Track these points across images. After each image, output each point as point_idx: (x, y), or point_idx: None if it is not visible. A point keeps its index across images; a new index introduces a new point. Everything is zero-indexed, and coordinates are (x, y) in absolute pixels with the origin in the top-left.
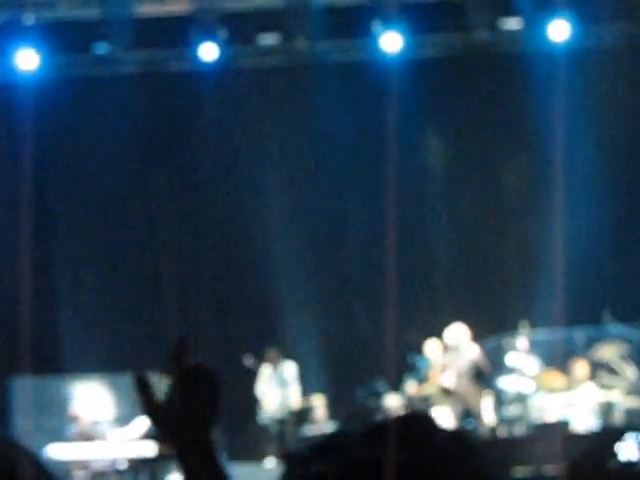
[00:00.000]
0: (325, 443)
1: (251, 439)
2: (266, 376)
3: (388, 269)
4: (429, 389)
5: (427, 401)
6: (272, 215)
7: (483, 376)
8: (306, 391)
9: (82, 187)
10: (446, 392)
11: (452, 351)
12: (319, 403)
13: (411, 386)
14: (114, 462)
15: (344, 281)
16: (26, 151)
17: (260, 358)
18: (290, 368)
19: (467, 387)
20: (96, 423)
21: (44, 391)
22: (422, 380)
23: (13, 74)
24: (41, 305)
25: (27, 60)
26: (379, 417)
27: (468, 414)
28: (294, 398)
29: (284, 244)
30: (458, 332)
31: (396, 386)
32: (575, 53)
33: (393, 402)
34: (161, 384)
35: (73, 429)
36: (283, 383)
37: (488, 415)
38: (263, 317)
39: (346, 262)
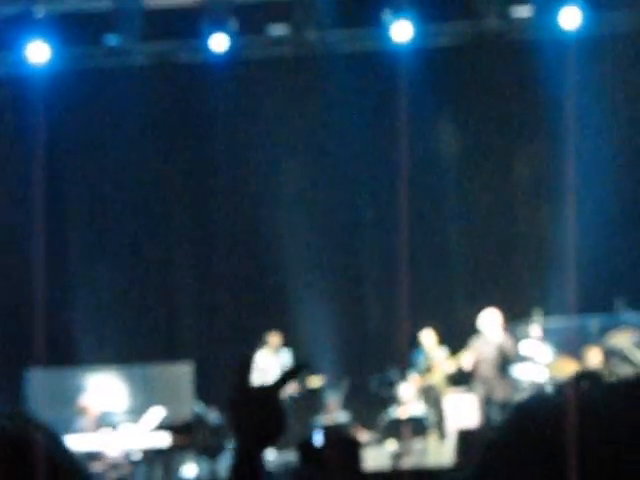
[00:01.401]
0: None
1: None
2: (262, 364)
3: (401, 257)
4: (433, 378)
5: (434, 390)
6: (285, 204)
7: (509, 364)
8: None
9: (95, 179)
10: (449, 377)
11: (480, 336)
12: (317, 385)
13: (413, 379)
14: (128, 453)
15: (357, 269)
16: (38, 144)
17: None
18: (286, 355)
19: (490, 373)
20: (107, 414)
21: (58, 383)
22: (422, 371)
23: (24, 66)
24: (55, 297)
25: (38, 52)
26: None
27: (490, 400)
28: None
29: (297, 233)
30: (488, 317)
31: (406, 377)
32: (586, 40)
33: (406, 391)
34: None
35: (81, 420)
36: (280, 369)
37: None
38: (276, 307)
39: (359, 250)
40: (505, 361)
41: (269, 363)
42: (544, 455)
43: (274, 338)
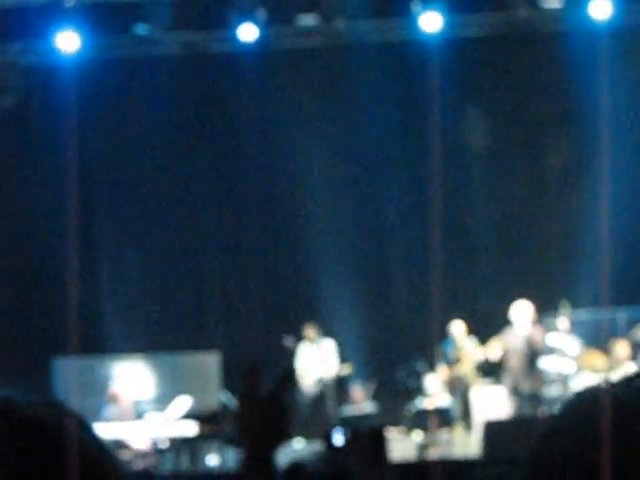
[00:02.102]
0: None
1: None
2: (304, 353)
3: (430, 249)
4: (461, 369)
5: (462, 381)
6: (313, 195)
7: (537, 357)
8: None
9: (124, 168)
10: (479, 368)
11: (514, 329)
12: (347, 372)
13: (442, 370)
14: (155, 442)
15: (386, 260)
16: (68, 133)
17: (299, 338)
18: (329, 345)
19: (518, 365)
20: (136, 403)
21: (86, 371)
22: (451, 362)
23: (54, 56)
24: (83, 285)
25: (68, 42)
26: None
27: (517, 391)
28: (333, 375)
29: (325, 224)
30: (520, 309)
31: (434, 368)
32: (617, 31)
33: (432, 382)
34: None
35: (112, 409)
36: (322, 360)
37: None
38: (304, 297)
39: (387, 241)
40: (534, 354)
41: (311, 355)
42: (602, 444)
43: (310, 330)
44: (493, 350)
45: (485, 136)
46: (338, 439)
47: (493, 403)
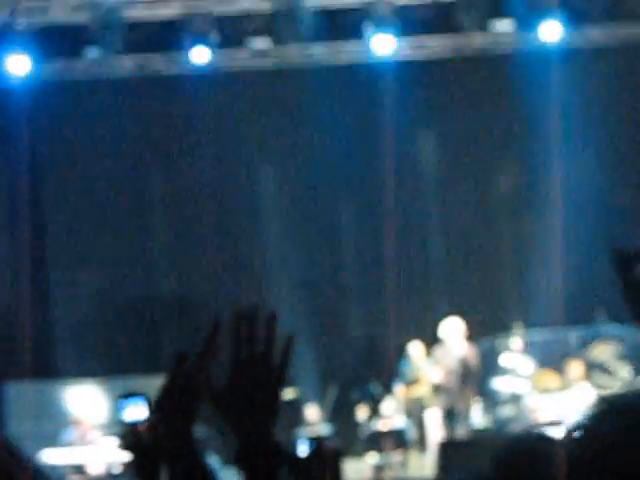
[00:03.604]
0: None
1: None
2: None
3: (383, 269)
4: (419, 390)
5: (419, 402)
6: (267, 214)
7: (470, 375)
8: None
9: (76, 191)
10: (436, 389)
11: (443, 346)
12: (291, 397)
13: (399, 390)
14: (109, 466)
15: (338, 280)
16: (19, 155)
17: None
18: None
19: (454, 385)
20: (95, 427)
21: (39, 396)
22: (409, 382)
23: (4, 79)
24: (35, 309)
25: (18, 65)
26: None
27: (452, 412)
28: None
29: (277, 244)
30: (451, 327)
31: (390, 389)
32: (567, 54)
33: (387, 405)
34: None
35: (73, 434)
36: None
37: (477, 416)
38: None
39: (341, 262)
40: (467, 372)
41: None
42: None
43: None
44: (435, 373)
45: (438, 157)
46: (303, 450)
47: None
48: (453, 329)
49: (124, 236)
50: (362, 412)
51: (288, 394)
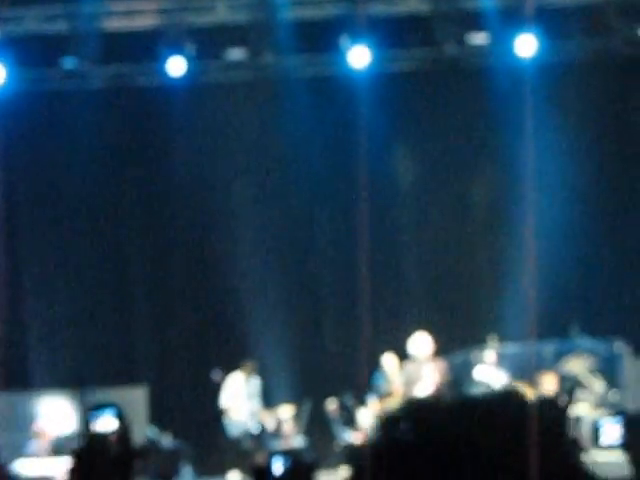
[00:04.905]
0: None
1: (217, 453)
2: (234, 388)
3: (357, 283)
4: (393, 403)
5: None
6: (242, 228)
7: (441, 390)
8: (274, 404)
9: (49, 200)
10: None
11: (414, 362)
12: (288, 415)
13: (373, 403)
14: None
15: (313, 294)
16: None
17: (228, 372)
18: (258, 383)
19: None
20: (60, 438)
21: (10, 407)
22: (382, 395)
23: None
24: (7, 319)
25: None
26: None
27: None
28: (261, 411)
29: (254, 258)
30: (420, 342)
31: (363, 400)
32: (542, 68)
33: (362, 416)
34: None
35: (36, 444)
36: (251, 396)
37: None
38: (233, 332)
39: (316, 274)
40: (438, 386)
41: (239, 388)
42: None
43: (248, 366)
44: (420, 389)
45: (413, 169)
46: (278, 468)
47: None
48: (421, 344)
49: (97, 247)
50: (336, 425)
51: (285, 411)
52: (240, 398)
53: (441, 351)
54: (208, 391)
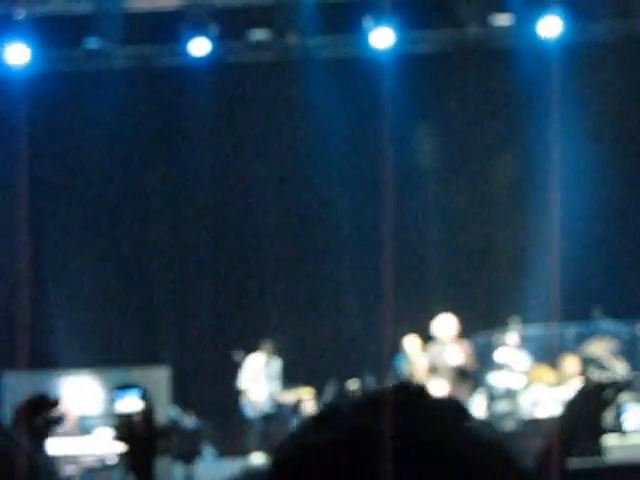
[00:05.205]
0: (318, 415)
1: (237, 434)
2: (254, 369)
3: (379, 265)
4: None
5: None
6: (264, 210)
7: (466, 373)
8: (295, 386)
9: (73, 182)
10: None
11: (438, 344)
12: (308, 397)
13: None
14: (103, 458)
15: (334, 277)
16: (17, 146)
17: (249, 352)
18: (278, 363)
19: (452, 382)
20: (85, 418)
21: (34, 386)
22: (404, 377)
23: (4, 68)
24: (32, 300)
25: (18, 54)
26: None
27: None
28: (280, 392)
29: (275, 240)
30: (445, 324)
31: (383, 382)
32: (566, 49)
33: None
34: None
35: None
36: (270, 378)
37: (477, 412)
38: (254, 313)
39: (339, 256)
40: (462, 369)
41: (259, 369)
42: None
43: (267, 345)
44: (419, 370)
45: (436, 152)
46: None
47: None
48: (446, 326)
49: (121, 228)
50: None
51: (304, 394)
52: (260, 379)
53: (463, 333)
54: (230, 372)
